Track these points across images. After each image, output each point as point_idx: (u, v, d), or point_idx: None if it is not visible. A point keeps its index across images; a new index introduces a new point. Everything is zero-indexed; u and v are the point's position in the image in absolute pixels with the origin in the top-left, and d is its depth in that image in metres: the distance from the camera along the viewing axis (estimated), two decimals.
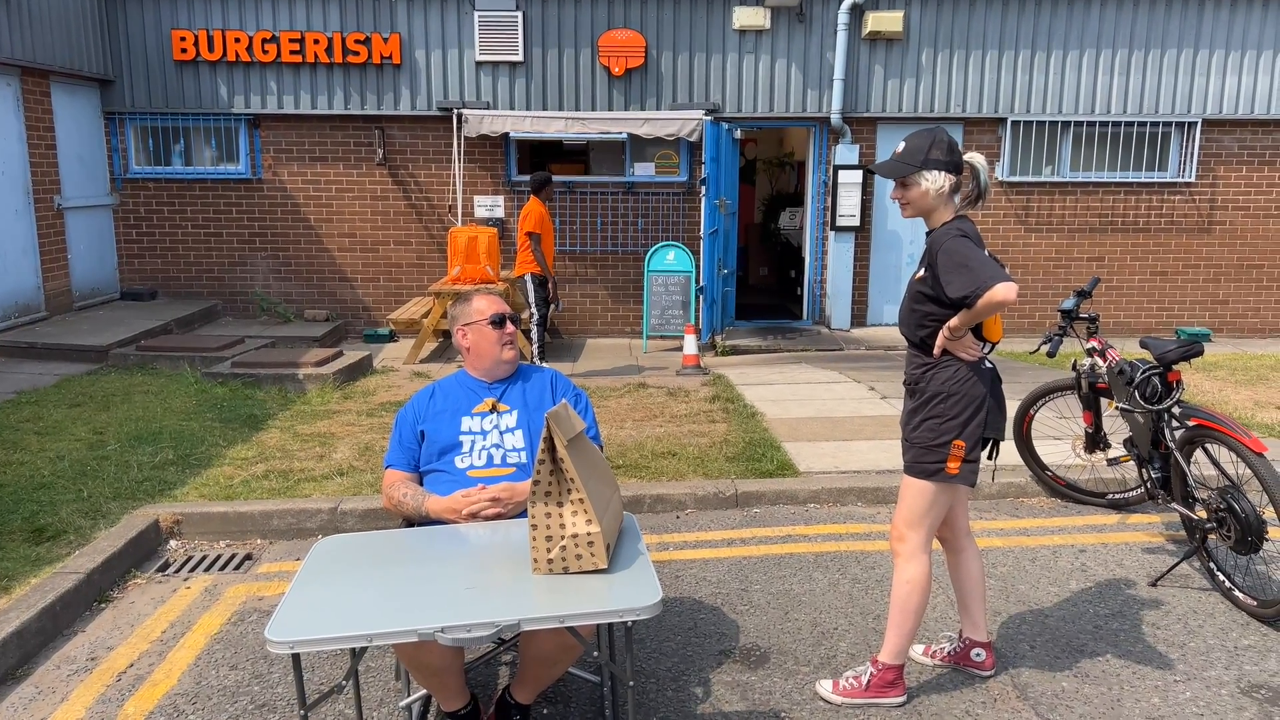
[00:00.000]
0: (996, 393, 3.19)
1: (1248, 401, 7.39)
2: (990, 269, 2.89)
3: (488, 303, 3.30)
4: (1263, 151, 10.83)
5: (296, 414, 6.92)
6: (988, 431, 3.13)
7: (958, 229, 3.03)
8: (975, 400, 3.08)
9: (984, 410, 3.09)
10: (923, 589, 3.19)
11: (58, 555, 4.33)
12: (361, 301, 10.97)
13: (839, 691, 3.29)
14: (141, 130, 10.66)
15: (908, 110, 10.62)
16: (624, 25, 10.38)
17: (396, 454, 3.23)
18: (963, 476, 3.11)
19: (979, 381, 3.09)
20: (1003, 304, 2.85)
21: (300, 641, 2.27)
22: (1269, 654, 3.60)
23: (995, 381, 3.21)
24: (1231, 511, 3.88)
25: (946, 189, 3.07)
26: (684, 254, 10.14)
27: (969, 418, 3.08)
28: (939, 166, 3.04)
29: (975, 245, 2.98)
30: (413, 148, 10.64)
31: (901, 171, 3.09)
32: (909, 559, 3.20)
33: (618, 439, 6.26)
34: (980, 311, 2.92)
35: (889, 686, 3.26)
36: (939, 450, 3.10)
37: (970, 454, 3.10)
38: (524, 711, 3.02)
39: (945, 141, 3.06)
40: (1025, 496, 5.40)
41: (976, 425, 3.09)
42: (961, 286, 2.90)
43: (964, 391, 3.08)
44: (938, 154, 3.04)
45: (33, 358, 8.48)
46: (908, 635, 3.22)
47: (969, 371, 3.09)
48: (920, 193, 3.09)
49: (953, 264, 2.94)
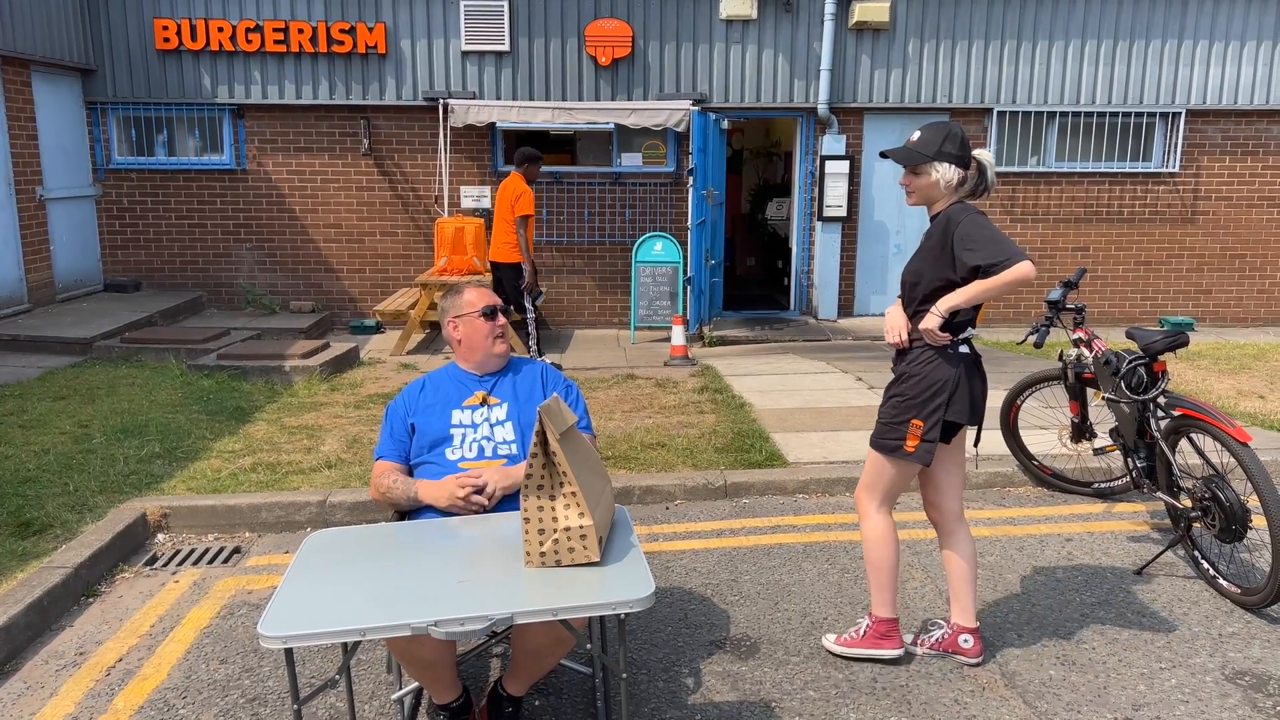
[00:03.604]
0: (973, 379, 3.27)
1: (1231, 390, 7.46)
2: (1015, 245, 3.04)
3: (479, 295, 3.30)
4: (1246, 142, 10.90)
5: (283, 406, 6.89)
6: (952, 415, 3.22)
7: (975, 209, 3.18)
8: (937, 383, 3.19)
9: (948, 394, 3.19)
10: (883, 543, 3.39)
11: (44, 549, 4.30)
12: (348, 293, 10.92)
13: (840, 643, 3.52)
14: (124, 120, 10.56)
15: (894, 100, 10.63)
16: (610, 15, 10.34)
17: (387, 445, 3.23)
18: (918, 456, 3.24)
19: (945, 365, 3.21)
20: (1023, 280, 2.99)
21: (293, 636, 2.27)
22: (1253, 641, 3.65)
23: (973, 368, 3.27)
24: (1216, 500, 3.92)
25: (955, 181, 3.21)
26: (671, 244, 10.13)
27: (929, 399, 3.20)
28: (950, 159, 3.18)
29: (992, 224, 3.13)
30: (399, 138, 10.59)
31: (915, 159, 3.22)
32: (866, 519, 3.44)
33: (606, 430, 6.26)
34: (997, 286, 3.03)
35: (883, 638, 3.45)
36: (899, 428, 3.27)
37: (928, 434, 3.22)
38: (516, 704, 3.03)
39: (959, 136, 3.20)
40: (1012, 486, 5.44)
41: (937, 407, 3.20)
42: (987, 255, 3.02)
43: (926, 374, 3.21)
44: (950, 147, 3.18)
45: (15, 350, 8.41)
46: (885, 588, 3.43)
47: (935, 355, 3.22)
48: (929, 182, 3.23)
49: (977, 236, 3.06)
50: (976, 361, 3.31)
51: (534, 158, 8.23)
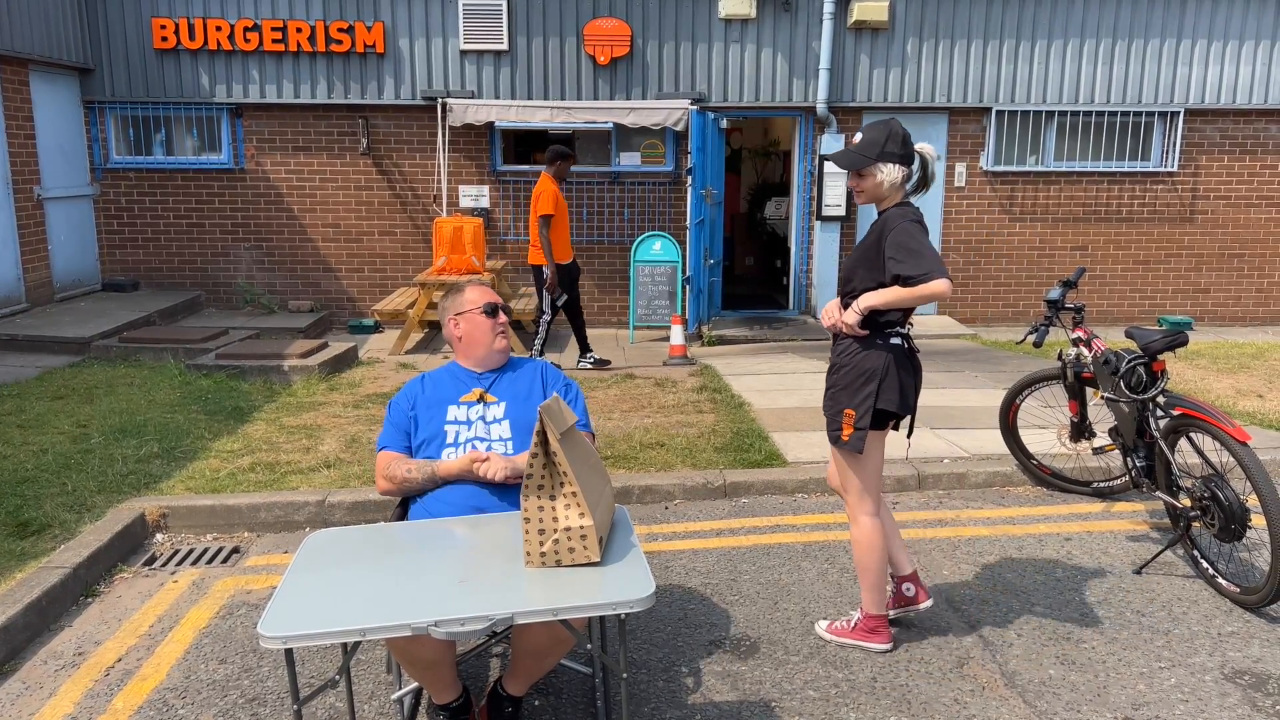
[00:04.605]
0: (904, 370, 3.36)
1: (1229, 389, 7.46)
2: (939, 261, 3.15)
3: (479, 293, 3.33)
4: (1244, 141, 10.91)
5: (282, 406, 6.88)
6: (882, 403, 3.30)
7: (913, 214, 3.26)
8: (865, 372, 3.31)
9: (877, 381, 3.29)
10: (869, 547, 3.48)
11: (43, 550, 4.29)
12: (346, 292, 10.91)
13: (831, 630, 3.66)
14: (122, 120, 10.55)
15: (893, 100, 10.63)
16: (609, 14, 10.34)
17: (391, 436, 3.23)
18: (852, 444, 3.37)
19: (874, 354, 3.31)
20: (938, 297, 3.15)
21: (293, 636, 2.27)
22: (1252, 640, 3.65)
23: (905, 359, 3.37)
24: (1215, 500, 3.92)
25: (899, 180, 3.30)
26: (670, 244, 10.13)
27: (859, 387, 3.32)
28: (893, 159, 3.26)
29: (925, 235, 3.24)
30: (397, 137, 10.58)
31: (859, 163, 3.29)
32: (853, 523, 3.53)
33: (605, 430, 6.26)
34: (913, 296, 3.15)
35: (872, 633, 3.56)
36: (836, 418, 3.41)
37: (859, 422, 3.33)
38: (516, 704, 3.03)
39: (900, 134, 3.27)
40: (1011, 485, 5.44)
41: (868, 395, 3.30)
42: (910, 268, 3.12)
43: (856, 363, 3.33)
44: (893, 147, 3.25)
45: (14, 350, 8.40)
46: (873, 588, 3.52)
47: (860, 346, 3.33)
48: (875, 183, 3.30)
49: (906, 247, 3.16)
50: (910, 355, 3.40)
51: (561, 155, 8.06)
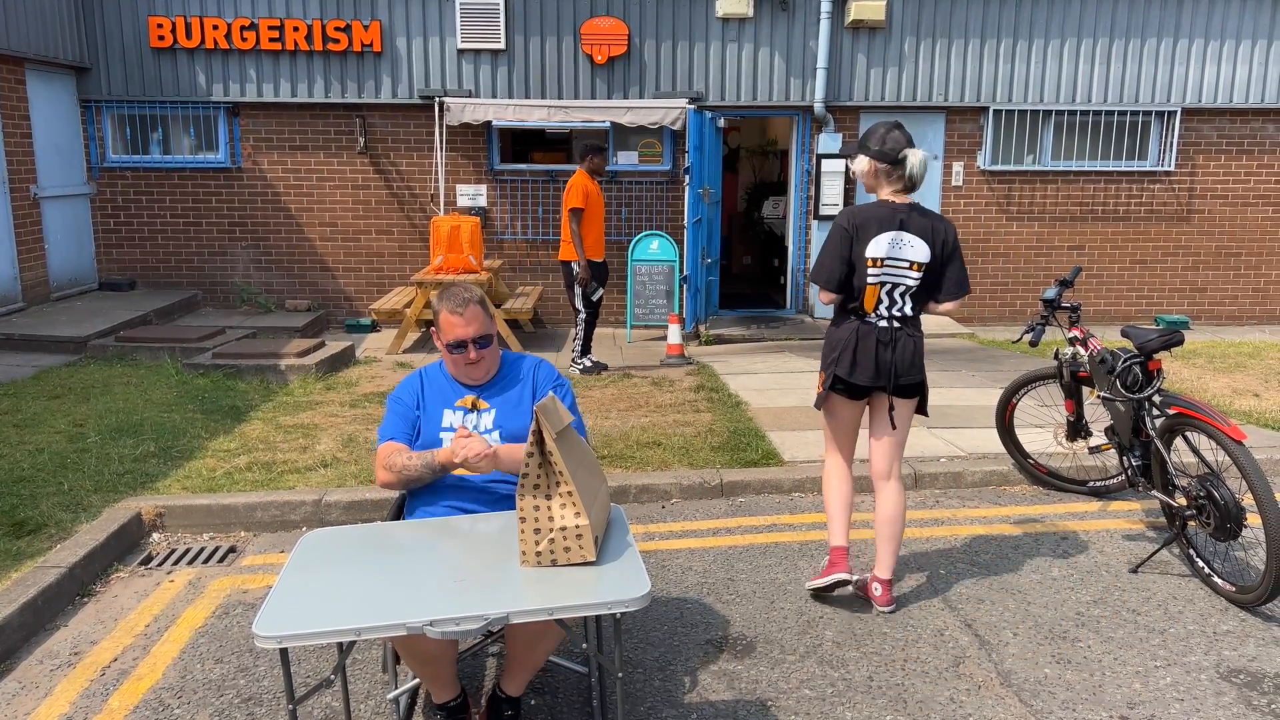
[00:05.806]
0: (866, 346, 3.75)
1: (1226, 389, 7.47)
2: (827, 271, 3.73)
3: (451, 323, 3.06)
4: (1241, 140, 10.92)
5: (279, 405, 6.88)
6: (840, 370, 3.80)
7: (849, 215, 3.73)
8: (832, 344, 3.86)
9: (837, 352, 3.81)
10: (828, 481, 3.99)
11: (39, 549, 4.29)
12: (343, 291, 10.90)
13: (812, 580, 3.98)
14: (119, 118, 10.53)
15: (890, 99, 10.63)
16: (606, 13, 10.33)
17: (395, 427, 3.13)
18: (817, 402, 3.96)
19: (838, 330, 3.85)
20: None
21: (288, 636, 2.27)
22: (1247, 639, 3.66)
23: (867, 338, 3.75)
24: (1211, 499, 3.93)
25: (864, 170, 3.77)
26: (668, 243, 10.13)
27: (826, 355, 3.90)
28: (866, 153, 3.75)
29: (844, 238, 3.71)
30: (394, 136, 10.57)
31: (849, 151, 3.98)
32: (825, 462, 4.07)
33: (602, 429, 6.26)
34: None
35: (832, 566, 3.91)
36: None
37: (825, 384, 3.88)
38: (514, 705, 3.03)
39: (879, 134, 3.72)
40: (1007, 484, 5.44)
41: (830, 363, 3.86)
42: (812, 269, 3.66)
43: (829, 337, 3.91)
44: (868, 141, 3.75)
45: (10, 349, 8.39)
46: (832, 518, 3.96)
47: (832, 323, 3.91)
48: (858, 171, 3.81)
49: (822, 248, 3.79)
50: (879, 333, 3.74)
51: (594, 149, 7.97)
